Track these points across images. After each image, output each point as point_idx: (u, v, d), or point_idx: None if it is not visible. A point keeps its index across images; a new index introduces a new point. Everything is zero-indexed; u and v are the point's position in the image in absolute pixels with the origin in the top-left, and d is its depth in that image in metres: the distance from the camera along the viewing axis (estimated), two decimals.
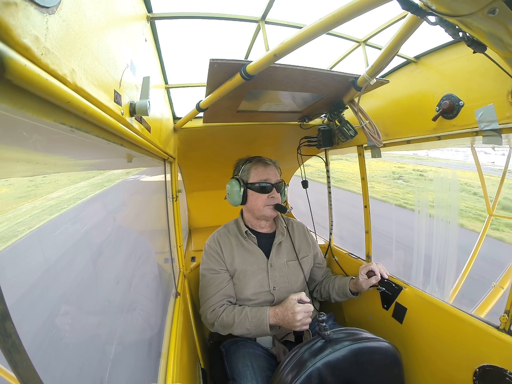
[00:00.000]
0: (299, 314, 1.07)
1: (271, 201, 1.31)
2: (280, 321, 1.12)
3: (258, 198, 1.31)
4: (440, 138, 1.05)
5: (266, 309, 1.16)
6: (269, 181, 1.31)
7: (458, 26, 0.49)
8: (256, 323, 1.14)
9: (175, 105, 1.34)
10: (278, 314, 1.13)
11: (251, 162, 1.36)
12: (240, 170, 1.36)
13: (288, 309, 1.10)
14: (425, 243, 4.65)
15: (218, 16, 0.85)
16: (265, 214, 1.32)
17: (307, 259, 1.42)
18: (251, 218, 1.39)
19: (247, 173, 1.34)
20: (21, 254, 1.09)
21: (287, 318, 1.09)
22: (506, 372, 0.85)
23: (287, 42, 0.66)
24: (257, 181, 1.31)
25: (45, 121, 0.30)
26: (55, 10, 0.27)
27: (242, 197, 1.32)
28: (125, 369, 1.11)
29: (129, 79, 0.54)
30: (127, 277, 1.25)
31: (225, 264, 1.31)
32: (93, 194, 1.26)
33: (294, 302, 1.11)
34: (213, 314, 1.23)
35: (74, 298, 1.08)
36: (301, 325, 1.08)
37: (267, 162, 1.36)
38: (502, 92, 0.79)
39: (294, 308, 1.08)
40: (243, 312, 1.18)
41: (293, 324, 1.08)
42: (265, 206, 1.31)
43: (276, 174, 1.35)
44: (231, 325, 1.17)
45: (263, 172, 1.32)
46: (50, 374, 0.85)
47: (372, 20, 1.05)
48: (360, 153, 1.48)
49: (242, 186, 1.31)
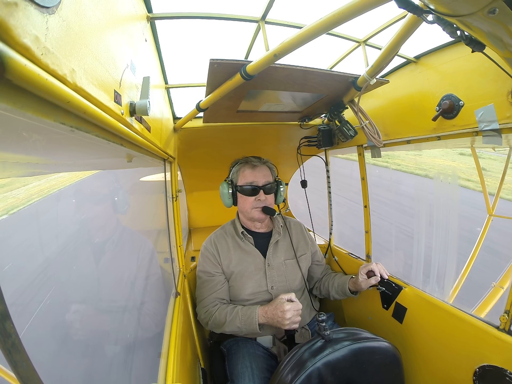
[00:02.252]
0: (288, 312, 1.08)
1: (259, 204, 1.30)
2: (270, 320, 1.12)
3: (246, 200, 1.31)
4: (440, 138, 1.05)
5: (256, 307, 1.17)
6: (255, 183, 1.30)
7: (456, 24, 0.49)
8: (246, 321, 1.15)
9: (175, 105, 1.35)
10: (267, 313, 1.13)
11: (240, 164, 1.35)
12: (231, 172, 1.37)
13: (278, 307, 1.11)
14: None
15: (218, 16, 0.85)
16: (253, 217, 1.32)
17: (305, 257, 1.42)
18: (245, 219, 1.40)
19: (236, 175, 1.34)
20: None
21: (276, 316, 1.10)
22: (506, 372, 0.85)
23: (287, 42, 0.66)
24: (244, 184, 1.30)
25: (45, 121, 0.30)
26: (55, 10, 0.27)
27: (232, 199, 1.33)
28: (125, 369, 1.12)
29: (129, 79, 0.54)
30: (127, 277, 1.25)
31: (220, 267, 1.32)
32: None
33: (284, 301, 1.12)
34: (207, 314, 1.25)
35: (73, 298, 1.08)
36: (290, 324, 1.09)
37: (255, 164, 1.33)
38: (502, 92, 0.79)
39: (284, 307, 1.09)
40: (234, 311, 1.20)
41: (282, 322, 1.09)
42: (252, 208, 1.30)
43: (265, 176, 1.32)
44: (223, 323, 1.18)
45: (250, 174, 1.31)
46: (50, 373, 0.85)
47: (372, 20, 1.05)
48: (360, 153, 1.48)
49: (231, 188, 1.32)
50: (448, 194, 3.63)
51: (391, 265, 4.21)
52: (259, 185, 1.30)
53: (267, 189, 1.32)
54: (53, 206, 1.52)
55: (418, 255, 4.28)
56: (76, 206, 1.18)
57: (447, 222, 3.37)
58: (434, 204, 3.73)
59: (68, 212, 1.24)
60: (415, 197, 7.86)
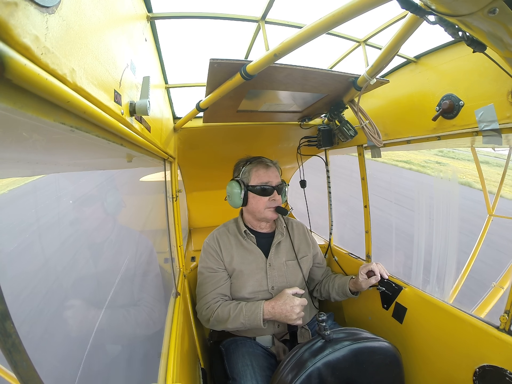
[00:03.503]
0: (297, 307, 1.10)
1: (272, 204, 1.30)
2: (277, 315, 1.12)
3: (259, 201, 1.29)
4: (440, 138, 1.05)
5: (260, 303, 1.17)
6: (270, 183, 1.30)
7: (458, 25, 0.49)
8: (250, 317, 1.15)
9: (175, 105, 1.34)
10: (274, 308, 1.13)
11: (252, 164, 1.33)
12: (241, 172, 1.34)
13: (287, 302, 1.11)
14: None
15: (218, 16, 0.85)
16: (266, 217, 1.31)
17: (306, 259, 1.42)
18: (252, 220, 1.39)
19: (247, 175, 1.32)
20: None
21: (284, 311, 1.10)
22: (506, 372, 0.85)
23: (287, 42, 0.66)
24: (258, 184, 1.29)
25: (45, 120, 0.30)
26: (55, 10, 0.27)
27: (242, 200, 1.31)
28: (125, 369, 1.12)
29: (129, 78, 0.54)
30: (127, 277, 1.25)
31: (223, 263, 1.32)
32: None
33: (291, 296, 1.13)
34: (208, 310, 1.24)
35: (73, 298, 1.08)
36: (297, 318, 1.10)
37: (268, 164, 1.34)
38: (502, 92, 0.79)
39: (294, 301, 1.10)
40: (238, 307, 1.19)
41: (290, 317, 1.09)
42: (266, 208, 1.30)
43: (277, 176, 1.34)
44: (226, 320, 1.17)
45: (265, 175, 1.30)
46: (50, 373, 0.85)
47: (372, 20, 1.05)
48: (360, 153, 1.48)
49: (243, 188, 1.30)
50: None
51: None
52: (273, 185, 1.30)
53: (280, 189, 1.33)
54: (52, 205, 1.52)
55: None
56: (73, 206, 1.18)
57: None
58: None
59: (64, 211, 1.24)
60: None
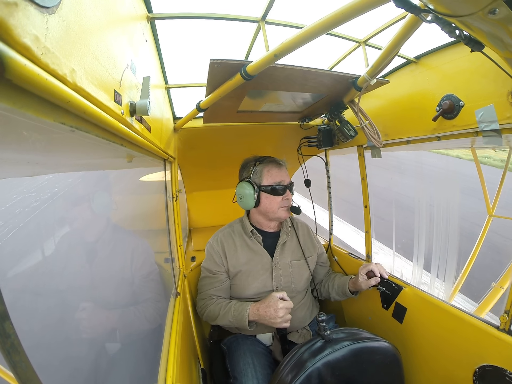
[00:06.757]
0: (281, 310, 1.09)
1: (286, 203, 1.30)
2: (262, 317, 1.12)
3: (272, 200, 1.28)
4: (440, 138, 1.05)
5: (247, 304, 1.17)
6: (283, 182, 1.29)
7: (455, 24, 0.49)
8: (237, 317, 1.16)
9: (175, 105, 1.34)
10: (259, 310, 1.13)
11: (263, 164, 1.31)
12: (251, 172, 1.31)
13: (271, 305, 1.11)
14: None
15: (218, 16, 0.85)
16: (279, 216, 1.30)
17: (311, 259, 1.42)
18: (262, 219, 1.36)
19: (259, 175, 1.30)
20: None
21: (268, 314, 1.10)
22: (506, 372, 0.84)
23: (287, 42, 0.66)
24: (272, 184, 1.27)
25: (45, 121, 0.30)
26: (55, 10, 0.27)
27: (256, 201, 1.29)
28: (125, 369, 1.12)
29: (129, 79, 0.54)
30: (127, 277, 1.25)
31: (224, 267, 1.32)
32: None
33: (277, 299, 1.12)
34: (203, 307, 1.29)
35: (73, 299, 1.08)
36: (281, 322, 1.09)
37: (280, 163, 1.33)
38: (502, 92, 0.79)
39: (277, 305, 1.10)
40: (228, 306, 1.21)
41: (274, 320, 1.09)
42: (279, 208, 1.29)
43: (287, 175, 1.34)
44: (216, 317, 1.21)
45: (277, 174, 1.29)
46: (50, 374, 0.85)
47: (372, 20, 1.05)
48: (360, 153, 1.48)
49: (256, 189, 1.28)
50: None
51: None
52: (286, 184, 1.30)
53: (291, 188, 1.33)
54: (52, 205, 1.52)
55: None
56: (71, 206, 1.18)
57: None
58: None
59: (64, 211, 1.23)
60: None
